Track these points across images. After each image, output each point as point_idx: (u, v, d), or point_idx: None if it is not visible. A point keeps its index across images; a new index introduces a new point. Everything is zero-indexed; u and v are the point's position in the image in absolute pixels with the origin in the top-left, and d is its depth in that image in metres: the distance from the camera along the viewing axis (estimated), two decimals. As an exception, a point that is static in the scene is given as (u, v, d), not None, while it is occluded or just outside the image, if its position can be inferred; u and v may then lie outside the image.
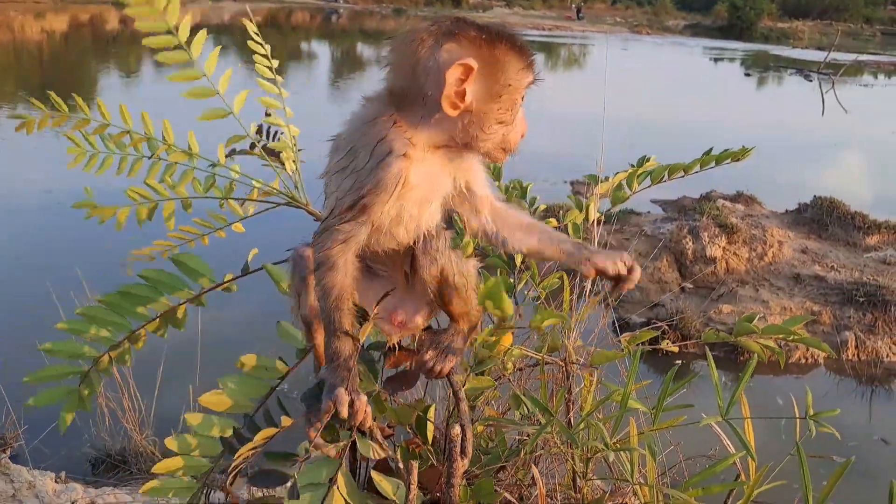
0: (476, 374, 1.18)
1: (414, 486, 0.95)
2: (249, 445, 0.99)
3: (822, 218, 6.03)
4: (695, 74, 21.04)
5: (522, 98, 0.96)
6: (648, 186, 1.56)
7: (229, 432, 1.07)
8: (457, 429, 1.03)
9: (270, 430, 1.01)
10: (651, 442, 1.08)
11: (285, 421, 1.04)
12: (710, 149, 1.53)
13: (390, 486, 1.01)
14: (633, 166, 1.71)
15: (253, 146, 1.28)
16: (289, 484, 0.94)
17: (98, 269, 4.72)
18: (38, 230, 5.94)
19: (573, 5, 47.20)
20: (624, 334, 1.39)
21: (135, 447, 3.04)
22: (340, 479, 0.94)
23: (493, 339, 1.18)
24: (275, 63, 1.29)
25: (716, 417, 1.09)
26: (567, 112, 13.79)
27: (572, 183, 7.88)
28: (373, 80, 1.25)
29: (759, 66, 23.63)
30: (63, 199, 6.63)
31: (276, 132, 1.32)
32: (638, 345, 1.32)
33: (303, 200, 1.27)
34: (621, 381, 1.33)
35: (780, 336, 1.35)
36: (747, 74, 21.75)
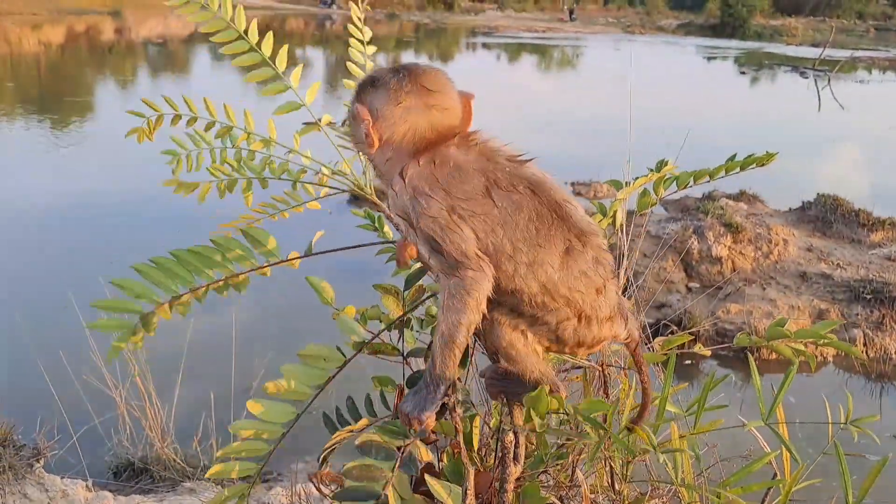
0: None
1: (471, 492, 0.98)
2: (349, 427, 1.04)
3: (826, 215, 6.08)
4: (689, 74, 21.10)
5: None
6: (675, 192, 1.59)
7: (290, 418, 1.12)
8: (510, 436, 1.06)
9: (364, 421, 1.06)
10: (694, 444, 1.11)
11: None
12: (734, 154, 1.57)
13: (444, 490, 1.04)
14: (651, 171, 1.74)
15: (328, 124, 1.32)
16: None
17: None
18: (55, 238, 5.97)
19: (565, 7, 47.32)
20: (657, 339, 1.42)
21: (156, 455, 3.06)
22: (396, 478, 0.98)
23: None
24: (369, 50, 1.34)
25: (758, 422, 1.12)
26: (563, 113, 13.85)
27: (573, 184, 7.93)
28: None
29: (754, 64, 23.71)
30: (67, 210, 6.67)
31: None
32: (672, 348, 1.35)
33: (369, 191, 1.31)
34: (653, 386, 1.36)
35: (812, 340, 1.39)
36: (742, 73, 21.83)
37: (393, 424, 1.06)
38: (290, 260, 1.25)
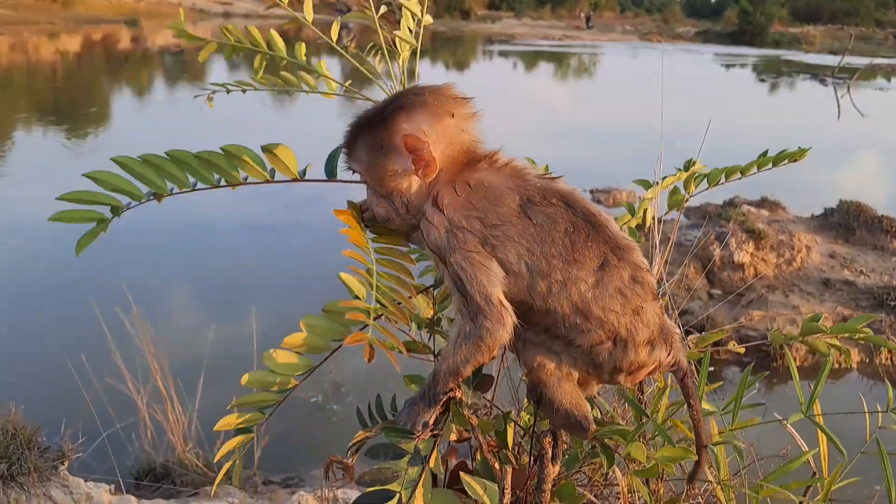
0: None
1: (508, 491, 0.97)
2: (368, 429, 1.03)
3: (849, 222, 6.01)
4: (708, 81, 21.01)
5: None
6: (705, 189, 1.58)
7: (304, 370, 1.10)
8: (549, 437, 1.05)
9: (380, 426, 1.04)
10: (735, 439, 1.10)
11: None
12: (766, 150, 1.55)
13: (480, 486, 1.03)
14: (679, 170, 1.73)
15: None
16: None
17: (144, 285, 4.80)
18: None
19: (582, 14, 47.35)
20: (690, 336, 1.40)
21: (178, 459, 3.07)
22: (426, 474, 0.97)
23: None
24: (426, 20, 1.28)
25: (797, 415, 1.10)
26: (580, 121, 13.83)
27: (592, 191, 7.91)
28: (380, 94, 1.27)
29: (772, 72, 23.61)
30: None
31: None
32: (706, 346, 1.34)
33: None
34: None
35: (847, 334, 1.36)
36: (761, 80, 21.73)
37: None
38: (303, 180, 1.16)
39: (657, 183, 1.72)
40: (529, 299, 0.92)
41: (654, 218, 1.71)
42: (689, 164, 1.71)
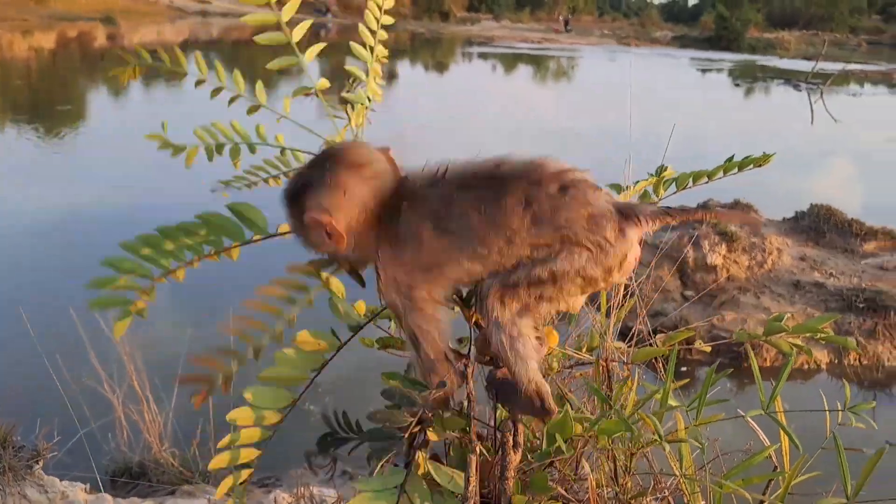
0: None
1: (473, 478, 1.00)
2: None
3: (820, 225, 6.13)
4: (684, 85, 21.24)
5: None
6: (673, 193, 1.62)
7: (287, 402, 1.14)
8: (509, 425, 1.08)
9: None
10: (698, 434, 1.14)
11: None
12: (732, 156, 1.59)
13: (444, 476, 1.06)
14: (651, 175, 1.77)
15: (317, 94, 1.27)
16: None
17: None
18: (48, 245, 5.97)
19: (561, 18, 47.61)
20: (658, 335, 1.44)
21: (154, 459, 3.07)
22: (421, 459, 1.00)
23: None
24: (385, 20, 1.29)
25: (758, 410, 1.15)
26: (558, 123, 13.92)
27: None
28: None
29: (748, 77, 23.90)
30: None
31: (360, 83, 1.32)
32: (674, 344, 1.38)
33: None
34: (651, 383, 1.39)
35: (808, 334, 1.41)
36: (736, 85, 22.00)
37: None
38: (280, 234, 1.22)
39: (629, 187, 1.76)
40: (500, 268, 0.96)
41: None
42: (660, 170, 1.76)
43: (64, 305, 3.21)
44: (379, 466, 1.02)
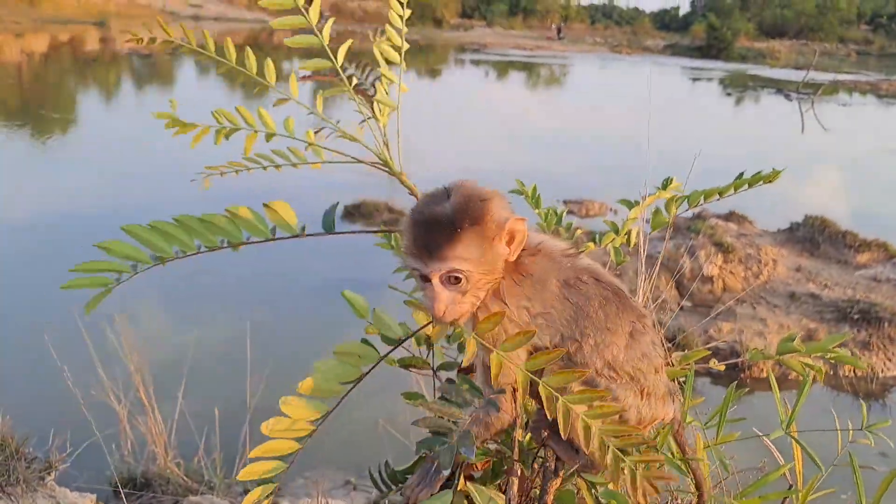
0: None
1: (515, 499, 1.03)
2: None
3: (814, 236, 6.19)
4: (676, 94, 21.36)
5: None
6: (686, 210, 1.65)
7: (319, 415, 1.15)
8: (551, 453, 1.11)
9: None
10: (721, 455, 1.17)
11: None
12: (742, 172, 1.63)
13: (484, 497, 1.08)
14: (659, 189, 1.80)
15: (357, 86, 1.24)
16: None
17: (124, 293, 4.75)
18: (50, 251, 5.95)
19: (553, 25, 47.79)
20: (675, 353, 1.47)
21: (159, 470, 3.07)
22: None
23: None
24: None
25: (779, 431, 1.18)
26: (550, 130, 13.98)
27: (565, 202, 8.02)
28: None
29: (739, 86, 24.06)
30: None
31: (376, 77, 1.29)
32: (690, 364, 1.41)
33: (395, 168, 1.21)
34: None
35: (820, 354, 1.45)
36: (728, 94, 22.14)
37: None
38: (302, 235, 1.21)
39: (638, 202, 1.79)
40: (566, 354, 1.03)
41: (640, 236, 1.78)
42: (666, 183, 1.79)
43: (70, 316, 3.22)
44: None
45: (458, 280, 0.99)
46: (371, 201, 7.87)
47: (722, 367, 1.48)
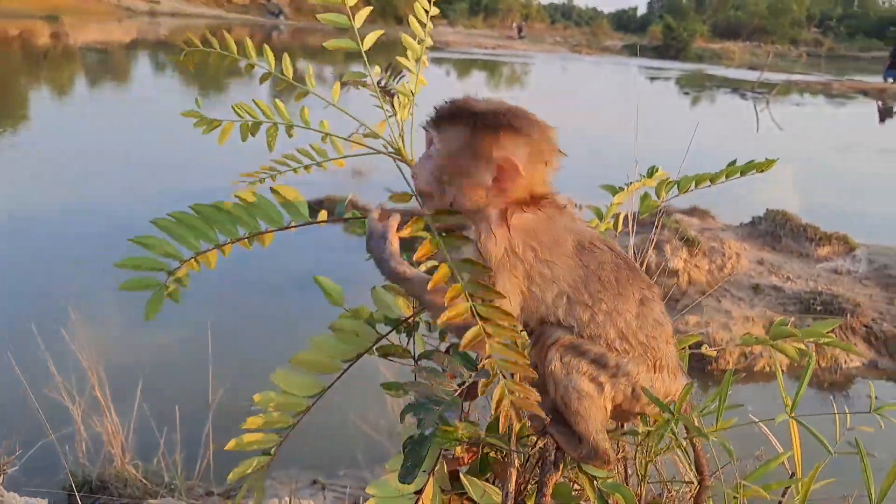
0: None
1: (512, 492, 0.96)
2: None
3: (776, 230, 6.26)
4: (634, 92, 21.59)
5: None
6: (676, 196, 1.61)
7: (316, 390, 1.09)
8: (551, 443, 1.05)
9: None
10: (724, 440, 1.11)
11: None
12: (735, 160, 1.60)
13: (478, 490, 1.02)
14: (643, 177, 1.77)
15: (380, 84, 1.22)
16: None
17: (77, 292, 4.58)
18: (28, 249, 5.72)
19: (514, 25, 48.02)
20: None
21: (116, 472, 2.94)
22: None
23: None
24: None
25: (783, 415, 1.13)
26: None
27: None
28: (311, 98, 1.21)
29: (695, 85, 24.42)
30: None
31: (401, 75, 1.27)
32: (684, 349, 1.36)
33: (408, 157, 1.18)
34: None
35: (812, 339, 1.41)
36: (686, 93, 22.46)
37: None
38: (319, 221, 1.16)
39: (622, 189, 1.75)
40: (568, 323, 0.98)
41: (633, 224, 1.74)
42: (652, 171, 1.76)
43: (19, 313, 3.07)
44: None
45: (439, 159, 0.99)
46: (335, 197, 7.77)
47: (713, 353, 1.43)
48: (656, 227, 2.50)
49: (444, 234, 0.98)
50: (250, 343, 4.38)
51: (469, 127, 0.96)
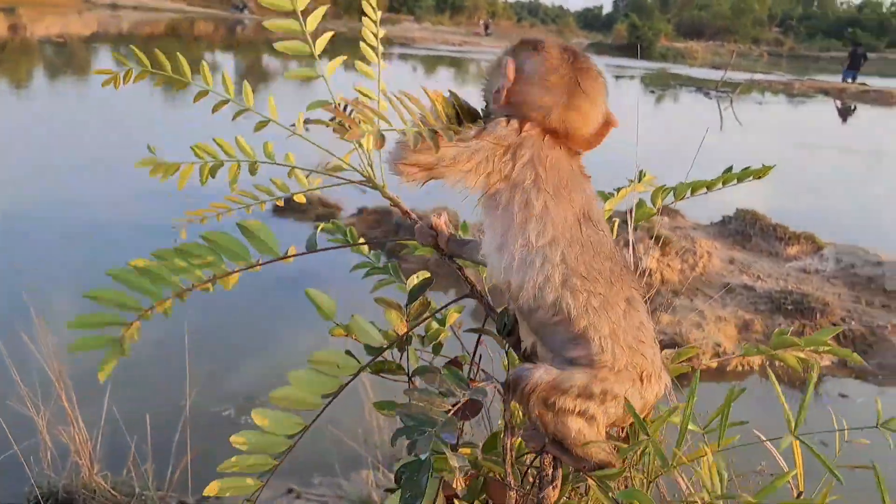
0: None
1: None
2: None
3: (746, 229, 6.32)
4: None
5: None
6: (672, 203, 1.59)
7: (298, 429, 1.05)
8: (550, 459, 1.00)
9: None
10: (724, 461, 1.08)
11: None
12: (731, 167, 1.58)
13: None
14: (631, 181, 1.75)
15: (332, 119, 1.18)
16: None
17: (41, 295, 4.43)
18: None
19: (481, 22, 48.06)
20: (664, 351, 1.39)
21: (84, 482, 2.83)
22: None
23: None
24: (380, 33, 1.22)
25: (789, 437, 1.11)
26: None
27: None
28: (279, 93, 1.16)
29: (660, 84, 24.67)
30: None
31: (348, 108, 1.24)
32: (684, 362, 1.33)
33: (379, 182, 1.16)
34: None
35: (813, 347, 1.40)
36: (651, 91, 22.67)
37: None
38: (287, 257, 1.14)
39: (612, 194, 1.73)
40: (560, 308, 0.93)
41: (631, 229, 1.72)
42: (640, 175, 1.74)
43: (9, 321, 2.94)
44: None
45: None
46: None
47: (714, 364, 1.41)
48: (630, 226, 2.48)
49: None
50: (224, 346, 4.28)
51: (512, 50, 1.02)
